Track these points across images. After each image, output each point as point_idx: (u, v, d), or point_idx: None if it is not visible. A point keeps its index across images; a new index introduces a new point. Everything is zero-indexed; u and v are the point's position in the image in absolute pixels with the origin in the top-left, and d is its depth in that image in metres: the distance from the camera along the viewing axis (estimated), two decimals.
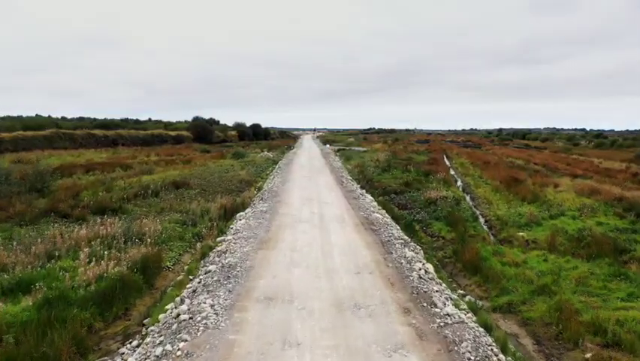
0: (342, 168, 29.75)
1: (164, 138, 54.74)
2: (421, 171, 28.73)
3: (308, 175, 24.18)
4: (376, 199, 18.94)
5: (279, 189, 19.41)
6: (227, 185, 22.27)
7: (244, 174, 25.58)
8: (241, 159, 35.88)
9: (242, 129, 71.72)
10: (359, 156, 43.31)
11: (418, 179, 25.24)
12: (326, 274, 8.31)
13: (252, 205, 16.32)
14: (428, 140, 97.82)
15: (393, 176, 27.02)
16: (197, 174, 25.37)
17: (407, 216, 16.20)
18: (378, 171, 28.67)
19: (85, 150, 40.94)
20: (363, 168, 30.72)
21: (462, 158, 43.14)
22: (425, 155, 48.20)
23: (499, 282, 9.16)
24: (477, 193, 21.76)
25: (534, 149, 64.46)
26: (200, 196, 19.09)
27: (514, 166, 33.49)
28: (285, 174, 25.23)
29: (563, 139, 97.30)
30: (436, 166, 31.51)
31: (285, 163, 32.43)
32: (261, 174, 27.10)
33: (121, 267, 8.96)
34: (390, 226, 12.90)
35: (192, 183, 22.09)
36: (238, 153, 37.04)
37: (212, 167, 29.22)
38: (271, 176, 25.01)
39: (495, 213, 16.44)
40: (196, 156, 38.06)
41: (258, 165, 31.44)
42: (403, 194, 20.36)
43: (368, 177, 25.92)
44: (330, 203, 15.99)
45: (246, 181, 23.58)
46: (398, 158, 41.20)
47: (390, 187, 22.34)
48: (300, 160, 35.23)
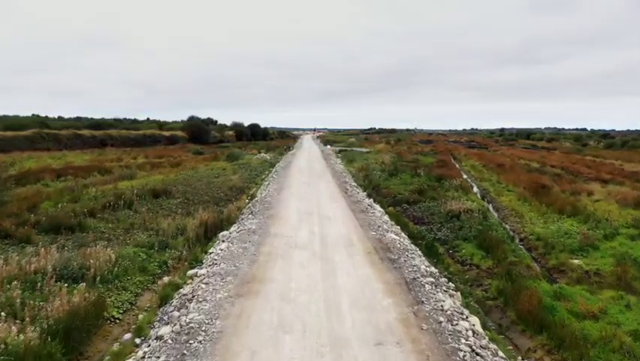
0: (344, 172, 26.88)
1: (157, 138, 51.89)
2: (433, 175, 25.88)
3: (307, 181, 21.31)
4: (387, 211, 16.09)
5: (274, 198, 16.54)
6: (215, 193, 19.43)
7: (236, 180, 22.71)
8: (235, 161, 33.03)
9: (239, 129, 68.84)
10: (362, 157, 40.46)
11: (431, 185, 22.39)
12: (332, 349, 5.45)
13: (239, 221, 13.46)
14: (431, 140, 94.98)
15: (402, 181, 24.16)
16: (184, 180, 22.52)
17: (426, 235, 13.34)
18: (385, 176, 25.81)
19: (69, 151, 38.08)
20: (367, 171, 27.86)
21: (471, 160, 40.28)
22: (432, 156, 45.37)
23: (581, 349, 6.29)
24: (501, 203, 18.89)
25: (543, 149, 61.59)
26: (182, 207, 16.26)
27: (532, 170, 30.62)
28: (281, 179, 22.36)
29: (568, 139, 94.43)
30: (447, 170, 28.65)
31: (282, 166, 29.56)
32: (256, 179, 24.23)
33: (35, 329, 6.10)
34: (412, 253, 10.03)
35: (175, 191, 19.25)
36: (232, 154, 34.19)
37: (202, 171, 26.37)
38: (266, 182, 22.13)
39: (532, 230, 13.56)
40: (187, 158, 35.20)
41: (253, 168, 28.57)
42: (417, 204, 17.49)
43: (374, 183, 23.05)
44: (333, 218, 13.13)
45: (238, 188, 20.72)
46: (404, 160, 38.38)
47: (400, 195, 19.48)
48: (299, 163, 32.37)
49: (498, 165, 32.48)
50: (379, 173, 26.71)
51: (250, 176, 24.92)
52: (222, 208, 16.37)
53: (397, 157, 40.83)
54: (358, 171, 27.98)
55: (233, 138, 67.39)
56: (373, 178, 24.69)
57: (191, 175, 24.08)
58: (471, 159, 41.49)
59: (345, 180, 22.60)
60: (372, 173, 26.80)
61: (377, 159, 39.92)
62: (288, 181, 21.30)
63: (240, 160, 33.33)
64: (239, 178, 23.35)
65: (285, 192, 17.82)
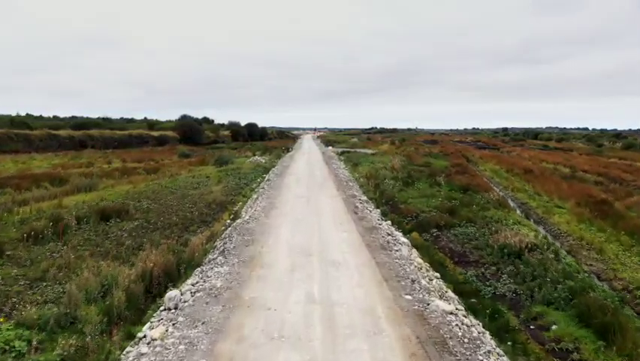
0: (350, 180, 22.44)
1: (144, 139, 47.44)
2: (455, 184, 21.45)
3: (306, 194, 16.86)
4: (413, 241, 11.67)
5: (259, 224, 12.11)
6: (188, 211, 15.01)
7: (218, 192, 18.28)
8: (224, 166, 28.62)
9: (236, 129, 64.27)
10: (367, 160, 36.03)
11: (458, 198, 17.97)
12: None
13: (203, 265, 9.06)
14: (435, 140, 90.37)
15: (421, 192, 19.73)
16: (154, 192, 18.11)
17: (479, 286, 8.91)
18: (398, 185, 21.36)
19: (40, 153, 33.67)
20: (377, 178, 23.42)
21: (489, 163, 35.85)
22: (443, 159, 40.91)
23: None
24: (556, 225, 14.45)
25: (558, 150, 57.08)
26: (135, 237, 11.89)
27: (565, 176, 26.19)
28: (274, 191, 17.91)
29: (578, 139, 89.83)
30: (470, 177, 24.22)
31: (278, 173, 25.11)
32: (244, 190, 19.81)
33: None
34: (489, 356, 5.59)
35: (137, 209, 14.87)
36: (222, 158, 29.76)
37: (181, 179, 21.94)
38: (255, 195, 17.69)
39: (632, 277, 9.14)
40: (170, 163, 30.78)
41: (243, 175, 24.13)
42: (451, 229, 13.04)
43: (388, 195, 18.60)
44: (343, 264, 8.69)
45: (218, 204, 16.31)
46: (414, 164, 33.95)
47: (424, 214, 15.04)
48: (297, 168, 27.91)
49: (525, 171, 28.06)
50: (391, 181, 22.27)
51: (237, 186, 20.47)
52: (190, 237, 12.00)
53: (407, 160, 36.42)
54: (366, 179, 23.54)
55: (229, 138, 62.95)
56: (386, 188, 20.25)
57: (167, 185, 19.65)
58: (488, 161, 37.06)
59: (353, 192, 18.15)
60: (383, 181, 22.36)
61: (384, 161, 35.52)
62: (282, 195, 16.84)
63: (230, 165, 28.89)
64: (222, 190, 18.91)
65: (276, 214, 13.36)
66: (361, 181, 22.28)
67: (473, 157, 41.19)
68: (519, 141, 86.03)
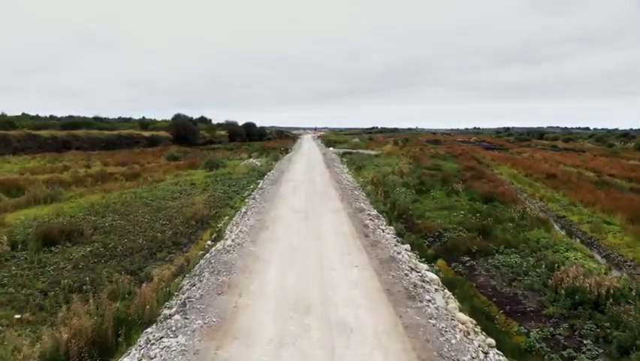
0: (356, 188, 19.57)
1: (135, 139, 44.56)
2: (476, 192, 18.59)
3: (304, 208, 13.99)
4: (443, 275, 8.85)
5: (242, 255, 9.25)
6: (160, 230, 12.17)
7: (201, 203, 15.43)
8: (215, 170, 25.78)
9: (233, 129, 61.32)
10: (372, 163, 33.19)
11: (482, 210, 15.13)
12: None
13: (153, 327, 6.22)
14: (438, 140, 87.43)
15: (438, 203, 16.88)
16: (126, 203, 15.26)
17: None
18: (411, 194, 18.50)
19: (16, 156, 30.83)
20: (385, 185, 20.57)
21: (503, 166, 32.97)
22: (452, 161, 38.05)
23: None
24: (614, 249, 11.57)
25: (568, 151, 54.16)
26: (82, 269, 9.09)
27: (597, 183, 23.30)
28: (267, 204, 15.04)
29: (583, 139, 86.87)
30: (491, 184, 21.35)
31: (273, 179, 22.25)
32: (232, 200, 16.98)
33: None
34: None
35: (99, 227, 12.04)
36: (212, 161, 26.89)
37: (162, 186, 19.07)
38: (244, 208, 14.84)
39: None
40: (156, 166, 27.91)
41: (233, 181, 21.28)
42: (487, 257, 10.17)
43: (401, 207, 15.73)
44: (355, 330, 5.83)
45: (199, 220, 13.47)
46: (423, 167, 31.09)
47: (449, 234, 12.17)
48: (295, 172, 25.04)
49: (547, 175, 25.20)
50: (402, 189, 19.40)
51: (225, 195, 17.61)
52: (153, 269, 9.21)
53: (414, 163, 33.56)
54: (373, 186, 20.67)
55: (225, 138, 60.09)
56: (397, 198, 17.39)
57: (143, 195, 16.79)
58: (501, 164, 34.18)
59: (360, 203, 15.28)
60: (393, 189, 19.49)
61: (389, 164, 32.68)
62: (276, 209, 13.97)
63: (221, 169, 26.03)
64: (207, 201, 16.05)
65: (265, 237, 10.50)
66: (368, 189, 19.40)
67: (484, 159, 38.31)
68: (524, 141, 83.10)
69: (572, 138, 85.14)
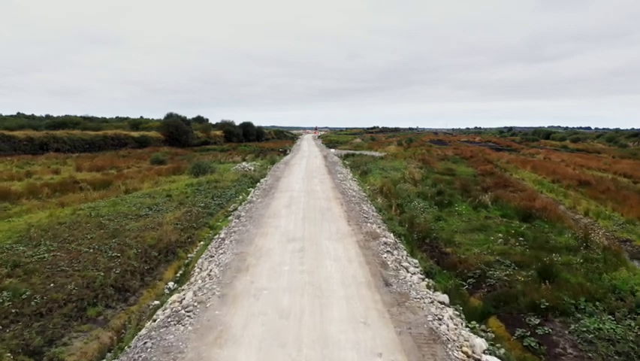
0: (363, 200, 16.28)
1: (122, 140, 41.24)
2: (508, 206, 15.32)
3: (300, 235, 10.68)
4: (506, 349, 5.60)
5: (201, 326, 5.97)
6: (105, 267, 8.90)
7: (172, 223, 12.17)
8: (202, 175, 22.51)
9: (228, 128, 57.94)
10: (377, 166, 29.91)
11: (525, 233, 11.90)
12: None
13: None
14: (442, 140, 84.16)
15: (466, 220, 13.62)
16: (75, 224, 11.97)
17: None
18: (430, 208, 15.22)
19: None
20: (397, 195, 17.30)
21: (524, 170, 29.65)
22: (464, 164, 34.77)
23: None
24: None
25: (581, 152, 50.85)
26: None
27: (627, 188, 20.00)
28: (253, 226, 11.73)
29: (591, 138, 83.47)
30: (520, 193, 18.07)
31: (266, 187, 18.98)
32: (213, 218, 13.74)
33: None
34: None
35: (18, 264, 8.78)
36: (200, 166, 23.60)
37: (131, 199, 15.77)
38: (223, 232, 11.56)
39: None
40: (136, 171, 24.63)
41: (218, 192, 18.01)
42: (567, 320, 6.90)
43: (422, 228, 12.45)
44: None
45: (162, 250, 10.23)
46: (435, 171, 27.84)
47: (494, 272, 8.92)
48: (292, 179, 21.74)
49: (579, 182, 21.92)
50: (419, 201, 16.12)
51: (205, 211, 14.35)
52: (71, 340, 6.04)
53: (424, 166, 30.27)
54: (383, 197, 17.40)
55: (221, 138, 56.81)
56: (415, 214, 14.11)
57: (103, 211, 13.50)
58: (520, 167, 30.86)
59: (371, 224, 11.97)
60: (407, 201, 16.22)
61: (397, 167, 29.43)
62: (263, 235, 10.68)
63: (209, 175, 22.73)
64: (179, 220, 12.76)
65: (241, 289, 7.20)
66: (379, 203, 16.10)
67: (499, 162, 34.98)
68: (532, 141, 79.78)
69: (580, 138, 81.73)
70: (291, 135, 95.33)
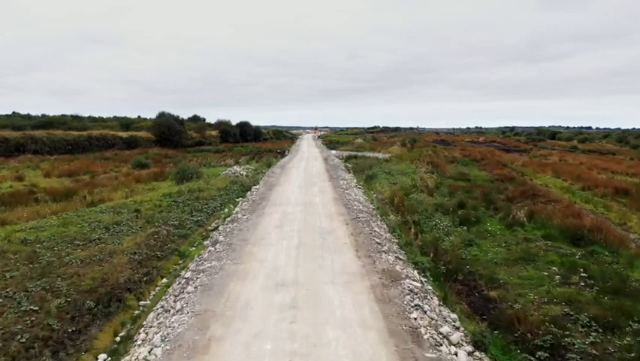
0: (371, 213, 13.40)
1: (109, 141, 38.35)
2: (549, 223, 12.46)
3: (292, 277, 7.80)
4: None
5: None
6: (12, 330, 6.06)
7: (126, 251, 9.30)
8: (187, 182, 19.66)
9: (225, 128, 55.01)
10: (382, 169, 27.07)
11: (591, 268, 9.05)
12: None
13: None
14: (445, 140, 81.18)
15: (501, 244, 10.75)
16: (1, 253, 9.11)
17: None
18: (451, 224, 12.34)
19: None
20: (411, 208, 14.41)
21: (545, 175, 26.77)
22: (476, 167, 31.88)
23: None
24: None
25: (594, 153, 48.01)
26: None
27: None
28: (229, 260, 8.84)
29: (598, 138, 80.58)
30: (552, 204, 15.21)
31: (256, 199, 16.10)
32: (187, 242, 10.90)
33: None
34: None
35: None
36: (184, 171, 20.72)
37: (89, 216, 12.86)
38: (190, 266, 8.68)
39: None
40: (112, 177, 21.76)
41: (201, 203, 15.14)
42: None
43: (448, 254, 9.61)
44: None
45: (102, 297, 7.37)
46: (447, 175, 24.98)
47: (572, 340, 6.10)
48: (288, 187, 18.86)
49: (614, 190, 19.06)
50: (440, 217, 13.25)
51: (177, 233, 11.48)
52: None
53: (435, 170, 27.41)
54: (394, 209, 14.53)
55: (217, 138, 53.94)
56: (437, 235, 11.26)
57: (44, 234, 10.63)
58: (540, 172, 27.97)
59: (388, 255, 9.11)
60: (424, 216, 13.34)
61: (404, 171, 26.61)
62: (241, 278, 7.79)
63: (194, 181, 19.86)
64: (139, 246, 9.89)
65: None
66: (391, 220, 13.21)
67: (513, 165, 32.09)
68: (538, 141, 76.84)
69: (587, 138, 78.82)
70: (290, 135, 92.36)
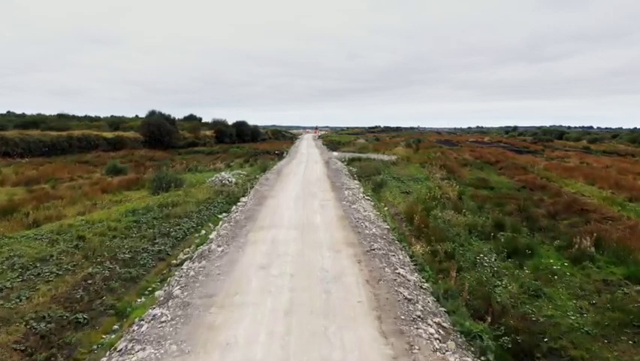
0: (391, 242, 10.15)
1: (92, 142, 35.14)
2: (626, 255, 9.28)
3: None
4: None
5: None
6: None
7: (27, 317, 6.08)
8: (166, 191, 16.47)
9: (220, 128, 51.76)
10: (390, 174, 23.88)
11: None
12: None
13: None
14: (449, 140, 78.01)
15: (585, 297, 7.52)
16: None
17: None
18: (495, 256, 9.13)
19: None
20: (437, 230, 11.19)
21: (575, 180, 23.52)
22: (493, 171, 28.70)
23: None
24: None
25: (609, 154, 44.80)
26: None
27: None
28: (174, 345, 5.62)
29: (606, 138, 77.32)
30: (612, 223, 11.98)
31: (241, 218, 12.84)
32: (132, 292, 7.69)
33: None
34: None
35: None
36: (161, 179, 17.48)
37: (11, 245, 9.67)
38: (121, 342, 5.43)
39: None
40: (76, 185, 18.54)
41: (170, 223, 11.89)
42: None
43: (513, 320, 6.41)
44: None
45: None
46: (466, 182, 21.77)
47: None
48: (282, 202, 15.59)
49: None
50: (475, 242, 10.02)
51: (122, 274, 8.25)
52: None
53: (450, 175, 24.19)
54: (415, 231, 11.32)
55: (212, 139, 50.73)
56: (480, 275, 8.08)
57: None
58: (567, 178, 24.73)
59: (422, 316, 5.89)
60: (456, 243, 10.13)
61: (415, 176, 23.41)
62: None
63: (172, 191, 16.64)
64: (49, 306, 6.67)
65: None
66: (417, 251, 9.95)
67: (534, 169, 28.83)
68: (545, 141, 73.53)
69: (597, 139, 75.50)
70: (289, 135, 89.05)
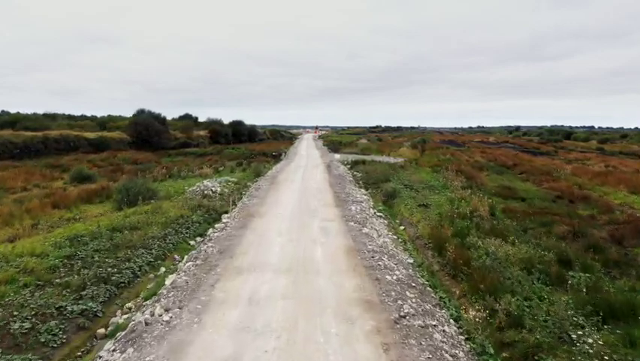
0: (422, 289, 7.01)
1: (71, 142, 31.95)
2: None
3: None
4: None
5: None
6: None
7: None
8: (135, 205, 13.29)
9: (215, 128, 48.56)
10: (402, 181, 20.71)
11: None
12: None
13: None
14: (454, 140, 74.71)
15: None
16: None
17: None
18: (577, 318, 5.99)
19: None
20: (481, 270, 8.08)
21: (614, 188, 20.32)
22: (513, 176, 25.55)
23: None
24: None
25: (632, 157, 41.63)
26: None
27: None
28: None
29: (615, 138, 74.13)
30: None
31: (216, 249, 9.68)
32: None
33: None
34: None
35: None
36: (129, 190, 14.28)
37: None
38: None
39: None
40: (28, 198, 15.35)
41: (118, 256, 8.72)
42: None
43: None
44: None
45: None
46: (491, 191, 18.59)
47: None
48: (273, 223, 12.39)
49: None
50: (539, 288, 6.87)
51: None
52: None
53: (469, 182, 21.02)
54: (452, 268, 8.19)
55: (206, 139, 47.55)
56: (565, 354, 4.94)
57: None
58: (601, 184, 21.55)
59: None
60: (516, 292, 7.01)
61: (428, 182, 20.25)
62: None
63: (140, 205, 13.46)
64: None
65: None
66: (470, 319, 6.76)
67: (560, 173, 25.60)
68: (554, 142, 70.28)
69: (608, 139, 72.22)
70: (289, 135, 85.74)
